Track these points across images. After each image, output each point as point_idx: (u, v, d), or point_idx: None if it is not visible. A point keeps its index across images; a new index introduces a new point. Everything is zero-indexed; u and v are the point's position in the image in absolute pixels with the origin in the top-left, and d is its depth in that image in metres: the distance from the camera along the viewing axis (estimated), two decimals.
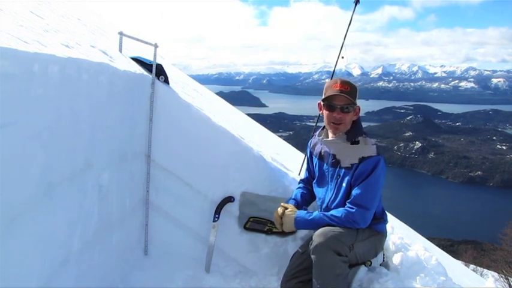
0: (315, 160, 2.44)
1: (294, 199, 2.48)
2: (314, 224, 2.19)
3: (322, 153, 2.37)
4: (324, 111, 2.26)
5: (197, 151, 2.84)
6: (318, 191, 2.41)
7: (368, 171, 2.12)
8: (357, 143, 2.22)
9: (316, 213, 2.23)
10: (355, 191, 2.14)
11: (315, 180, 2.45)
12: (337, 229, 2.08)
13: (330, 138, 2.29)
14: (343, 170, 2.22)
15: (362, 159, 2.14)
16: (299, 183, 2.64)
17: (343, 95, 2.15)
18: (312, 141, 2.51)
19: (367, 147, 2.19)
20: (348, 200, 2.16)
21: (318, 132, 2.44)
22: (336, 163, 2.26)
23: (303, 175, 2.73)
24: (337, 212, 2.15)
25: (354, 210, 2.10)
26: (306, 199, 2.51)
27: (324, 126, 2.36)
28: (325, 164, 2.34)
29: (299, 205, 2.43)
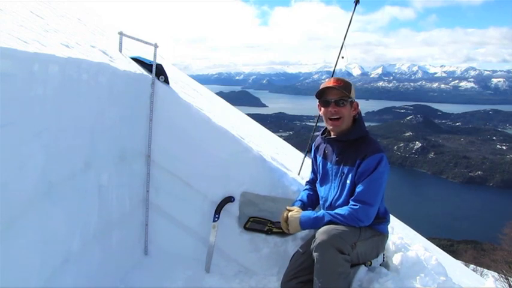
0: (319, 159, 2.44)
1: (300, 200, 2.48)
2: (318, 222, 2.19)
3: (326, 152, 2.38)
4: (321, 108, 2.28)
5: (197, 151, 2.84)
6: (321, 190, 2.41)
7: (371, 168, 2.12)
8: (360, 140, 2.23)
9: (320, 212, 2.23)
10: (358, 188, 2.14)
11: (318, 180, 2.45)
12: (340, 227, 2.08)
13: (333, 136, 2.30)
14: (347, 168, 2.22)
15: (365, 156, 2.14)
16: (306, 184, 2.65)
17: (337, 89, 2.18)
18: (316, 141, 2.52)
19: (370, 145, 2.19)
20: (352, 198, 2.16)
21: (321, 132, 2.45)
22: (339, 161, 2.26)
23: (302, 175, 2.73)
24: (341, 210, 2.15)
25: (357, 207, 2.10)
26: (312, 200, 2.51)
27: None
28: (328, 163, 2.34)
29: (305, 206, 2.44)
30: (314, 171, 2.56)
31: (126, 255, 2.63)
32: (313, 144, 2.55)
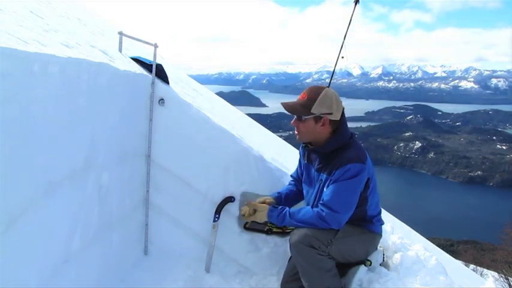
0: (305, 163, 2.47)
1: (279, 192, 2.57)
2: (283, 219, 2.27)
3: (311, 157, 2.40)
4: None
5: (197, 151, 2.83)
6: (305, 192, 2.47)
7: (344, 176, 2.11)
8: (339, 151, 2.21)
9: (286, 218, 2.24)
10: (327, 193, 2.13)
11: (303, 181, 2.50)
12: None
13: (312, 146, 2.31)
14: (324, 176, 2.23)
15: (339, 166, 2.13)
16: (291, 179, 2.70)
17: (290, 106, 2.24)
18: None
19: (347, 154, 2.16)
20: (321, 201, 2.16)
21: None
22: (319, 169, 2.28)
23: None
24: (306, 215, 2.16)
25: (324, 213, 2.10)
26: (289, 197, 2.56)
27: None
28: (312, 168, 2.37)
29: (281, 199, 2.53)
30: (299, 169, 2.60)
31: (126, 255, 2.63)
32: (302, 144, 2.54)
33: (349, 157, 2.14)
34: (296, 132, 2.27)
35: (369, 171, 2.18)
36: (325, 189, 2.21)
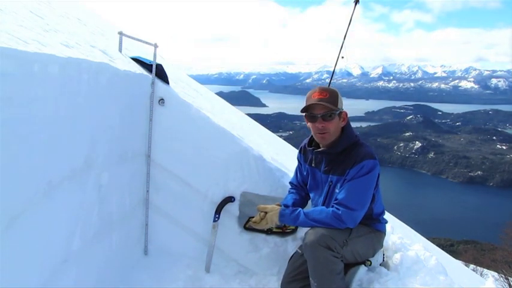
0: (306, 167, 2.43)
1: (285, 204, 2.46)
2: (297, 218, 2.22)
3: (315, 161, 2.36)
4: (308, 122, 2.24)
5: (197, 151, 2.84)
6: (312, 196, 2.43)
7: (359, 173, 2.11)
8: (349, 149, 2.20)
9: (301, 217, 2.21)
10: (342, 192, 2.13)
11: (308, 186, 2.46)
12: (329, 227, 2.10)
13: (321, 148, 2.27)
14: (335, 177, 2.21)
15: (353, 165, 2.12)
16: (291, 187, 2.62)
17: (322, 103, 2.12)
18: (303, 147, 2.49)
19: (359, 152, 2.16)
20: (335, 201, 2.15)
21: (307, 142, 2.43)
22: (328, 171, 2.26)
23: None
24: (321, 214, 2.14)
25: (340, 212, 2.09)
26: (298, 205, 2.47)
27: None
28: (318, 171, 2.34)
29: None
30: (300, 174, 2.53)
31: (126, 255, 2.63)
32: (300, 148, 2.52)
33: (363, 154, 2.14)
34: (323, 133, 2.18)
35: (378, 168, 2.19)
36: (336, 190, 2.19)
